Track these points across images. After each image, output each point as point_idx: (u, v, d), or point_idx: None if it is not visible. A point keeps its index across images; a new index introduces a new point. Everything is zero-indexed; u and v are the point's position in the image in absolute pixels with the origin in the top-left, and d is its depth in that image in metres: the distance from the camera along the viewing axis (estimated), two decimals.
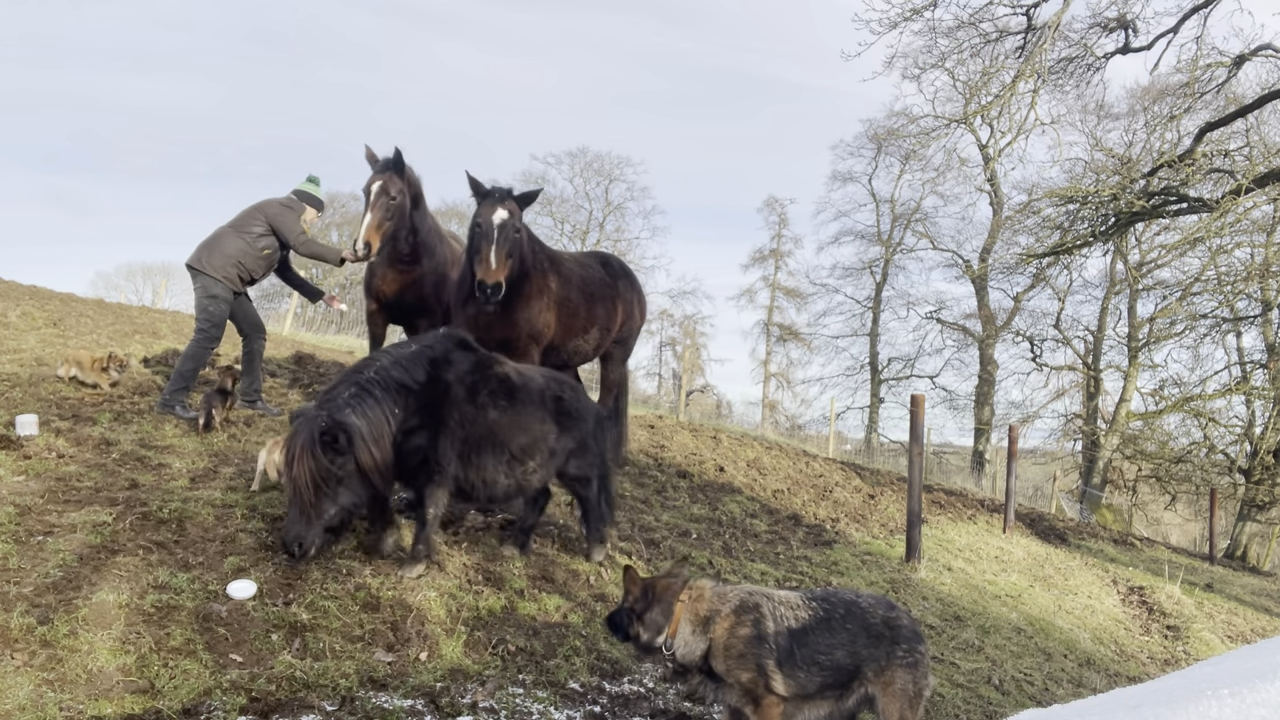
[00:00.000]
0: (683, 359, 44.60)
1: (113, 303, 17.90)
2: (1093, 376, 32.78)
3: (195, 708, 3.69)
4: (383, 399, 5.01)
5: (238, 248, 7.67)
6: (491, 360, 5.68)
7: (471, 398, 5.37)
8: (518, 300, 7.06)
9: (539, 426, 5.63)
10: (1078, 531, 16.79)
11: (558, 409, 5.78)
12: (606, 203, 45.81)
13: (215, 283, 7.60)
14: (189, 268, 7.70)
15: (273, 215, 7.79)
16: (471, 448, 5.32)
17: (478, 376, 5.46)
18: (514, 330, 7.10)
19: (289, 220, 7.83)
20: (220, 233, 7.75)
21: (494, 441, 5.40)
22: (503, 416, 5.45)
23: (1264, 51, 14.55)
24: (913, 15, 14.29)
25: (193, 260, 7.68)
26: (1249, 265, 25.57)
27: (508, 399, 5.52)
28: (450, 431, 5.22)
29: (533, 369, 6.12)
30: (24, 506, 4.97)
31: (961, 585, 9.02)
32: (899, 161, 38.10)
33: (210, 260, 7.60)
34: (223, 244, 7.67)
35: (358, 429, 4.84)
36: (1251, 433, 26.05)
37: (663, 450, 11.26)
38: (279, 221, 7.78)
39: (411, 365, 5.22)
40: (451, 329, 5.80)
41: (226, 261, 7.63)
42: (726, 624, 3.92)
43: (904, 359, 39.35)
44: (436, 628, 4.81)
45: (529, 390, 5.67)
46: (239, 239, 7.69)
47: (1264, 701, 1.88)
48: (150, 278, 45.86)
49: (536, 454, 5.61)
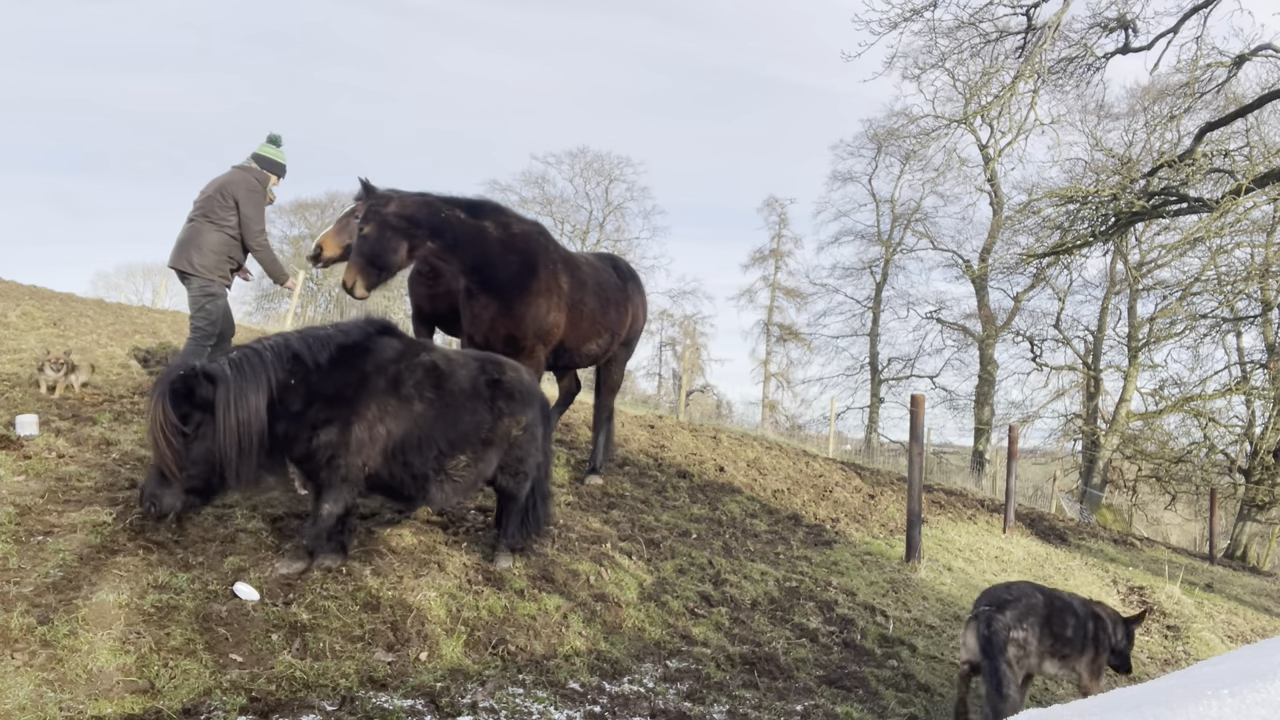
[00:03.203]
0: (683, 359, 44.60)
1: (113, 303, 17.90)
2: (1093, 376, 32.79)
3: (195, 708, 3.70)
4: (271, 363, 4.66)
5: (220, 241, 7.31)
6: (419, 347, 5.37)
7: (394, 388, 5.04)
8: (523, 297, 6.99)
9: (470, 417, 5.29)
10: (1078, 531, 16.79)
11: (493, 395, 5.42)
12: (606, 203, 45.84)
13: (210, 282, 7.35)
14: (177, 271, 7.40)
15: (243, 199, 7.34)
16: (395, 442, 4.99)
17: (402, 365, 5.13)
18: (519, 328, 7.04)
19: (256, 207, 7.37)
20: (197, 228, 7.36)
21: (421, 435, 5.06)
22: (429, 408, 5.12)
23: (1264, 51, 14.55)
24: (913, 15, 14.29)
25: (178, 263, 7.35)
26: (1249, 265, 25.56)
27: (435, 389, 5.19)
28: (367, 423, 4.89)
29: (465, 353, 5.76)
30: (24, 506, 4.97)
31: (961, 585, 9.02)
32: (899, 161, 38.12)
33: (201, 261, 7.29)
34: (205, 240, 7.31)
35: (222, 382, 4.47)
36: (1251, 433, 26.05)
37: (663, 450, 11.26)
38: (246, 208, 7.33)
39: (317, 344, 4.91)
40: (374, 316, 5.44)
41: (216, 259, 7.32)
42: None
43: (904, 359, 39.39)
44: (436, 628, 4.81)
45: (459, 379, 5.33)
46: (218, 232, 7.32)
47: (1264, 701, 1.88)
48: (150, 278, 45.89)
49: (468, 447, 5.28)
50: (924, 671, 6.20)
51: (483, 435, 5.36)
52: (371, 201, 6.43)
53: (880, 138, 37.61)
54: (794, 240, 46.00)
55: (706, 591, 6.51)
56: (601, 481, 8.60)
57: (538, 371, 7.29)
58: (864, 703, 5.34)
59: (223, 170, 7.72)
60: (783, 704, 5.01)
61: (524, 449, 5.61)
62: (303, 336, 4.96)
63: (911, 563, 8.98)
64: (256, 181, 7.51)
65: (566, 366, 8.41)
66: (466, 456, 5.28)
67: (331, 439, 4.82)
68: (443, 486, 5.25)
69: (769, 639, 5.98)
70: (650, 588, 6.22)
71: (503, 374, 5.54)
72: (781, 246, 45.20)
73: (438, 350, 5.47)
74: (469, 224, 6.76)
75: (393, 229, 6.39)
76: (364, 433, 4.89)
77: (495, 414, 5.40)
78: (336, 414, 4.84)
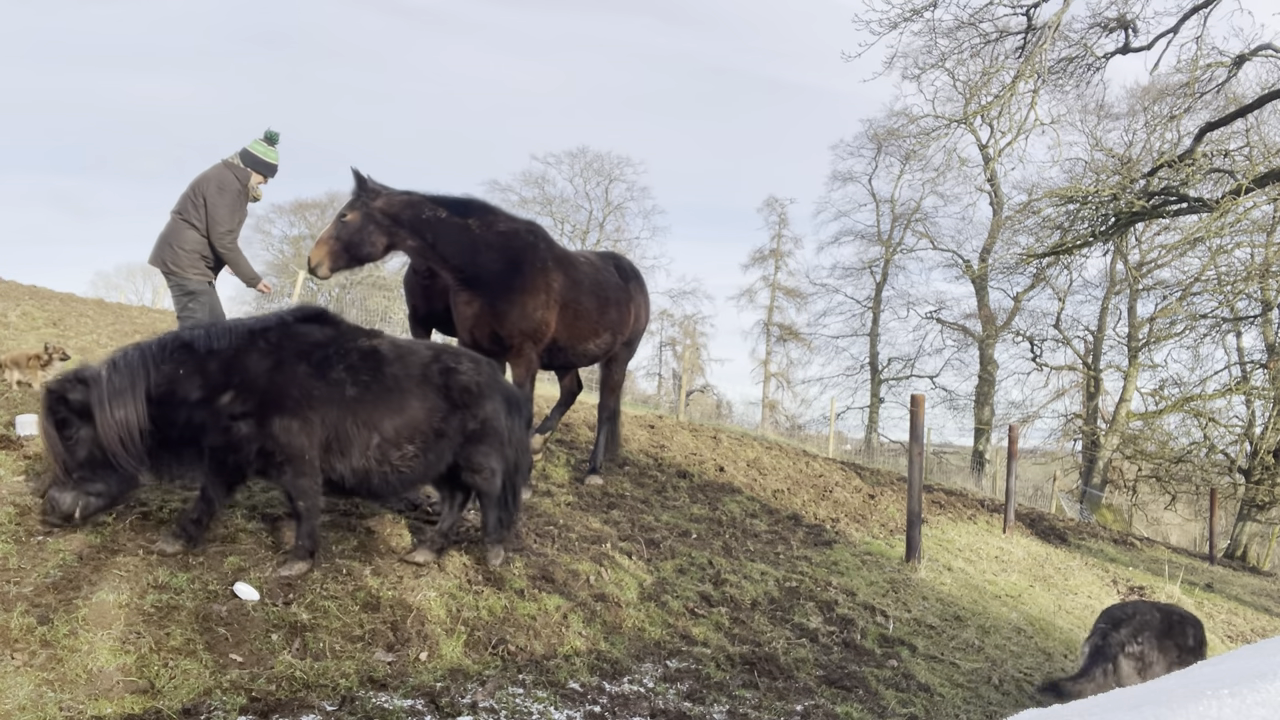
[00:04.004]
0: (683, 359, 44.61)
1: (113, 303, 17.91)
2: (1093, 376, 32.79)
3: (195, 708, 3.70)
4: (154, 356, 4.60)
5: (195, 239, 7.19)
6: (357, 333, 5.17)
7: (321, 374, 4.81)
8: (506, 295, 7.01)
9: (418, 405, 5.02)
10: (1078, 531, 16.79)
11: (447, 384, 5.16)
12: (606, 203, 45.85)
13: (189, 280, 7.22)
14: (157, 268, 7.32)
15: (210, 196, 7.16)
16: (330, 432, 4.81)
17: (331, 350, 4.93)
18: (503, 326, 7.06)
19: (225, 206, 7.18)
20: (174, 225, 7.23)
21: (357, 424, 4.85)
22: (365, 394, 4.88)
23: (1264, 51, 14.55)
24: (913, 16, 14.30)
25: (156, 261, 7.26)
26: (1249, 265, 25.55)
27: (372, 374, 4.94)
28: (289, 412, 4.70)
29: (421, 343, 5.53)
30: (24, 506, 4.97)
31: (961, 585, 9.02)
32: (899, 161, 38.09)
33: (174, 259, 7.17)
34: (180, 237, 7.18)
35: (95, 383, 4.46)
36: (1251, 433, 26.04)
37: (663, 450, 11.26)
38: (213, 206, 7.14)
39: (216, 333, 4.77)
40: (307, 305, 5.40)
41: (190, 257, 7.20)
42: None
43: (904, 359, 39.37)
44: (436, 628, 4.81)
45: (405, 364, 5.10)
46: (191, 230, 7.19)
47: (1264, 701, 1.88)
48: (150, 278, 45.72)
49: (416, 437, 5.02)
50: (924, 671, 6.21)
51: (434, 425, 5.09)
52: (361, 194, 6.53)
53: (880, 138, 37.61)
54: (794, 240, 46.03)
55: (706, 591, 6.51)
56: (601, 481, 8.60)
57: (529, 370, 7.29)
58: (864, 703, 5.34)
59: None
60: (783, 704, 5.01)
61: (485, 444, 5.32)
62: (199, 326, 4.94)
63: (911, 563, 8.98)
64: (234, 179, 7.28)
65: (564, 366, 8.41)
66: (415, 447, 5.03)
67: (251, 431, 4.68)
68: (387, 478, 5.03)
69: (769, 639, 5.98)
70: (650, 588, 6.23)
71: (459, 364, 5.29)
72: (781, 246, 45.23)
73: (385, 338, 5.27)
74: (452, 222, 6.80)
75: (375, 224, 6.54)
76: (289, 421, 4.70)
77: (448, 403, 5.14)
78: (252, 403, 4.68)
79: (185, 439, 4.70)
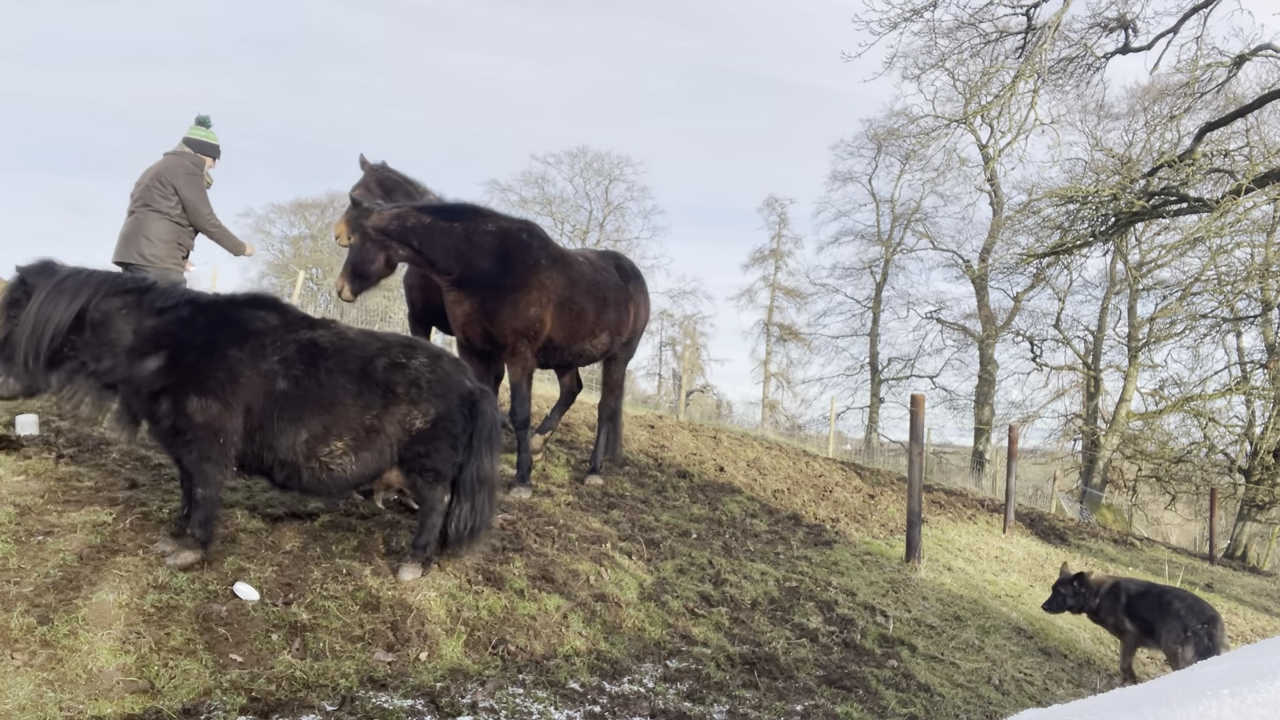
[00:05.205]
0: (683, 359, 44.59)
1: None
2: (1093, 376, 32.80)
3: (195, 708, 3.70)
4: (102, 282, 4.61)
5: (167, 228, 7.20)
6: (301, 324, 5.01)
7: (254, 362, 4.71)
8: (497, 294, 7.09)
9: (350, 400, 4.83)
10: (1078, 531, 16.79)
11: (390, 379, 4.93)
12: (606, 203, 45.86)
13: (169, 270, 7.22)
14: (125, 266, 7.20)
15: (182, 184, 7.24)
16: (254, 422, 4.69)
17: (269, 340, 4.80)
18: (495, 325, 7.13)
19: (198, 190, 7.25)
20: (140, 219, 7.24)
21: (284, 417, 4.71)
22: (295, 388, 4.74)
23: (1264, 51, 14.56)
24: (913, 16, 14.32)
25: (127, 256, 7.21)
26: (1249, 265, 25.58)
27: (305, 367, 4.79)
28: (214, 394, 4.60)
29: (375, 335, 5.28)
30: (24, 506, 4.97)
31: (961, 585, 9.02)
32: (899, 161, 38.14)
33: (151, 251, 7.16)
34: (151, 229, 7.19)
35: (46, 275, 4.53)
36: (1251, 433, 26.06)
37: (663, 450, 11.26)
38: (187, 192, 7.22)
39: (168, 294, 4.76)
40: (259, 291, 5.24)
41: (166, 247, 7.21)
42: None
43: (904, 359, 39.41)
44: (436, 628, 4.81)
45: (343, 358, 4.90)
46: (163, 219, 7.21)
47: (1264, 701, 1.88)
48: None
49: (345, 434, 4.81)
50: (924, 671, 6.20)
51: (366, 422, 4.86)
52: (357, 214, 6.76)
53: (880, 138, 37.65)
54: (794, 240, 46.08)
55: (706, 591, 6.51)
56: (602, 481, 8.60)
57: (525, 369, 7.32)
58: (864, 703, 5.34)
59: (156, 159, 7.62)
60: (783, 704, 5.01)
61: (431, 444, 4.98)
62: (158, 282, 4.90)
63: (911, 563, 8.98)
64: (193, 165, 7.45)
65: (563, 365, 8.41)
66: (343, 444, 4.81)
67: (169, 407, 4.60)
68: (318, 475, 4.84)
69: (769, 639, 5.98)
70: (650, 588, 6.23)
71: (411, 358, 5.03)
72: (781, 246, 45.25)
73: (331, 329, 5.07)
74: (439, 227, 6.90)
75: (371, 241, 6.83)
76: (207, 403, 4.60)
77: (388, 399, 4.91)
78: (174, 376, 4.61)
79: (102, 381, 4.66)
